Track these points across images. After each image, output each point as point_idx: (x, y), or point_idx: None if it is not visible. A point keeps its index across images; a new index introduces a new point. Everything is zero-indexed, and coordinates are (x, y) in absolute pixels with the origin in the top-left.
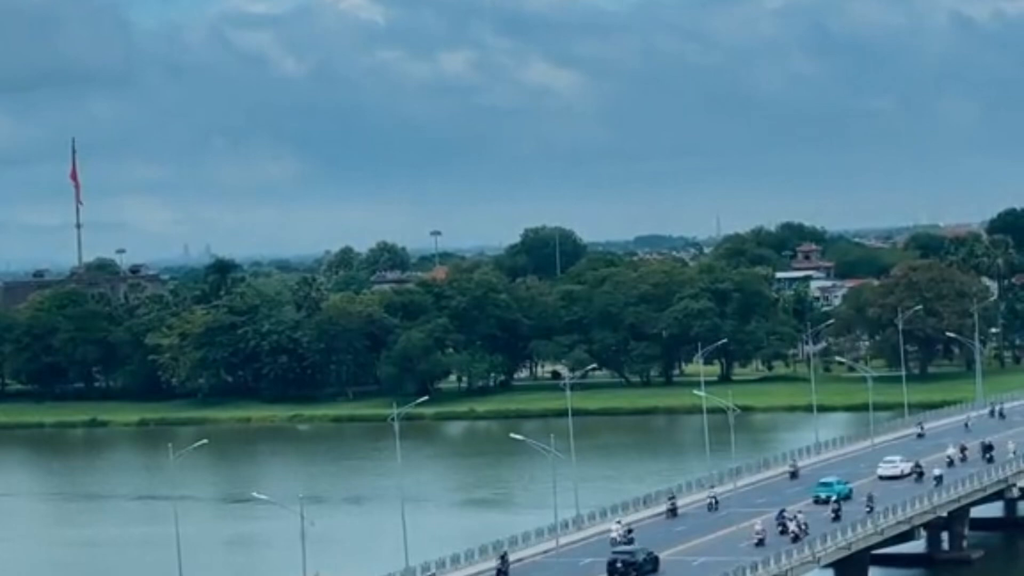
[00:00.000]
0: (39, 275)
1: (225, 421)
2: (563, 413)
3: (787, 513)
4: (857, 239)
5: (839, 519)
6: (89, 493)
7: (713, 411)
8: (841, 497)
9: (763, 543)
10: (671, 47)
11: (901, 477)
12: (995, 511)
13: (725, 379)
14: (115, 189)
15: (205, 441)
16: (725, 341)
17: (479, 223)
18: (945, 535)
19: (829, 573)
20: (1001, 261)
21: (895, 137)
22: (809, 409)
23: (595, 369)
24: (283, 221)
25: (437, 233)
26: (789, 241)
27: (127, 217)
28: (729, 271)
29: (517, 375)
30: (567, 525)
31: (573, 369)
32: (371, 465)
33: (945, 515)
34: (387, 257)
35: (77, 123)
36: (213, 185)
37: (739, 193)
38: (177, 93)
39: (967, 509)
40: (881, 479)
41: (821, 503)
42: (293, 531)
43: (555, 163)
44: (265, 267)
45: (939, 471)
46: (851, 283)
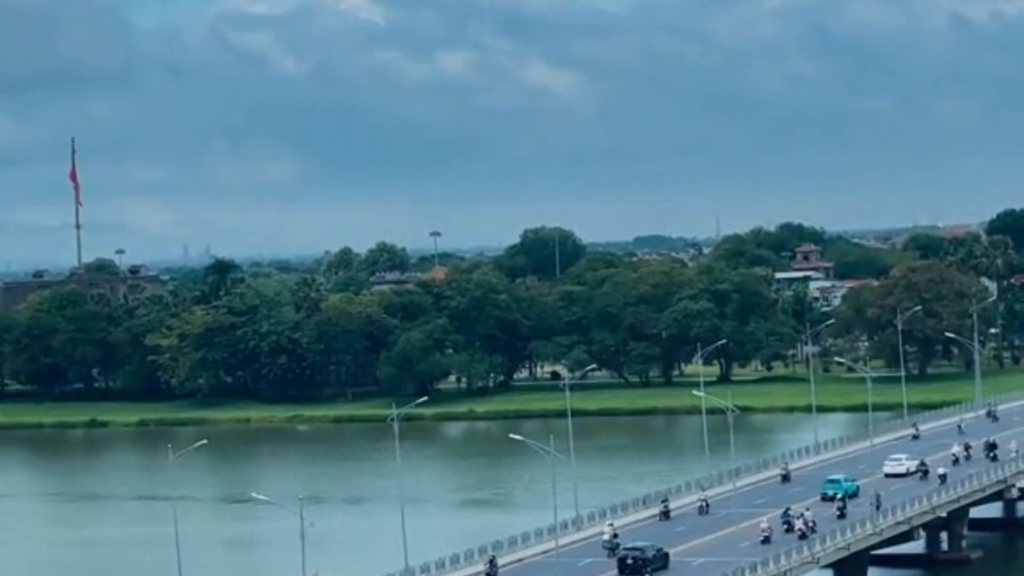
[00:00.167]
0: (39, 275)
1: (224, 422)
2: (562, 414)
3: (792, 511)
4: (856, 240)
5: (844, 517)
6: (89, 493)
7: (712, 412)
8: (848, 495)
9: (769, 541)
10: (670, 47)
11: (907, 475)
12: (994, 511)
13: (724, 380)
14: (115, 190)
15: (205, 441)
16: (724, 342)
17: (479, 224)
18: (944, 535)
19: (828, 573)
20: (1000, 262)
21: (894, 138)
22: (808, 410)
23: (594, 370)
24: (283, 222)
25: (436, 234)
26: (788, 242)
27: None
28: (728, 272)
29: (516, 376)
30: (567, 526)
31: (572, 370)
32: (371, 466)
33: (944, 515)
34: (386, 258)
35: (77, 124)
36: (213, 186)
37: (738, 194)
38: (177, 93)
39: (966, 509)
40: (887, 477)
41: (828, 500)
42: (292, 531)
43: (555, 164)
44: (265, 268)
45: (943, 469)
46: (850, 284)
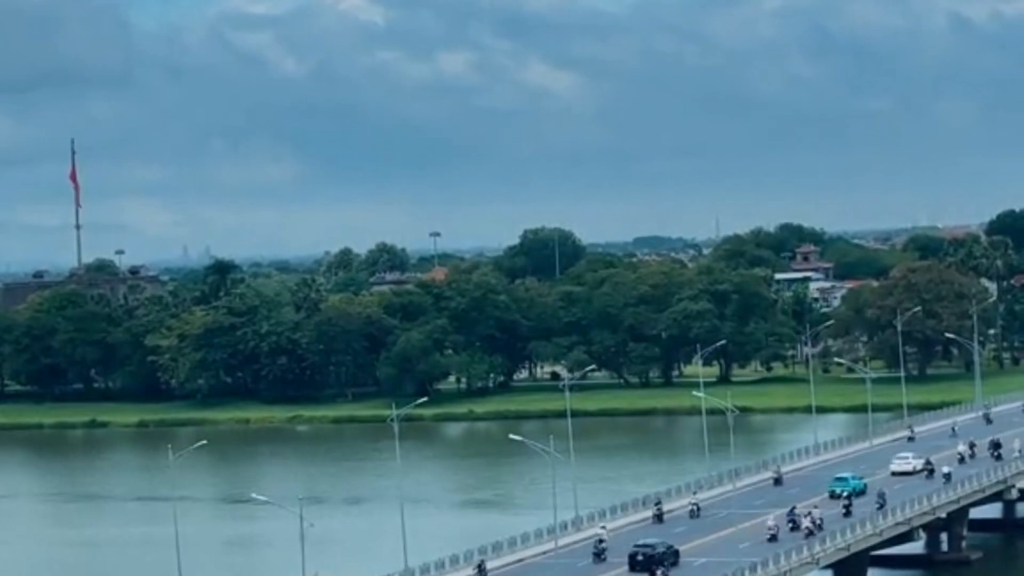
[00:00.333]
0: (39, 276)
1: (224, 422)
2: (562, 414)
3: (798, 510)
4: (856, 240)
5: (850, 515)
6: (88, 494)
7: (712, 412)
8: (856, 492)
9: (776, 539)
10: (670, 48)
11: (913, 473)
12: (994, 512)
13: (724, 380)
14: (115, 190)
15: (204, 442)
16: (724, 342)
17: (478, 224)
18: (944, 536)
19: (829, 574)
20: (1000, 262)
21: (894, 138)
22: (808, 410)
23: (594, 370)
24: (282, 222)
25: (436, 234)
26: (788, 242)
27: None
28: (728, 272)
29: (516, 376)
30: (566, 526)
31: (572, 370)
32: (370, 466)
33: (944, 516)
34: (386, 258)
35: (77, 124)
36: (213, 186)
37: (738, 194)
38: (177, 94)
39: (966, 510)
40: (894, 475)
41: (836, 498)
42: (292, 532)
43: (554, 164)
44: (264, 268)
45: (948, 468)
46: (850, 284)
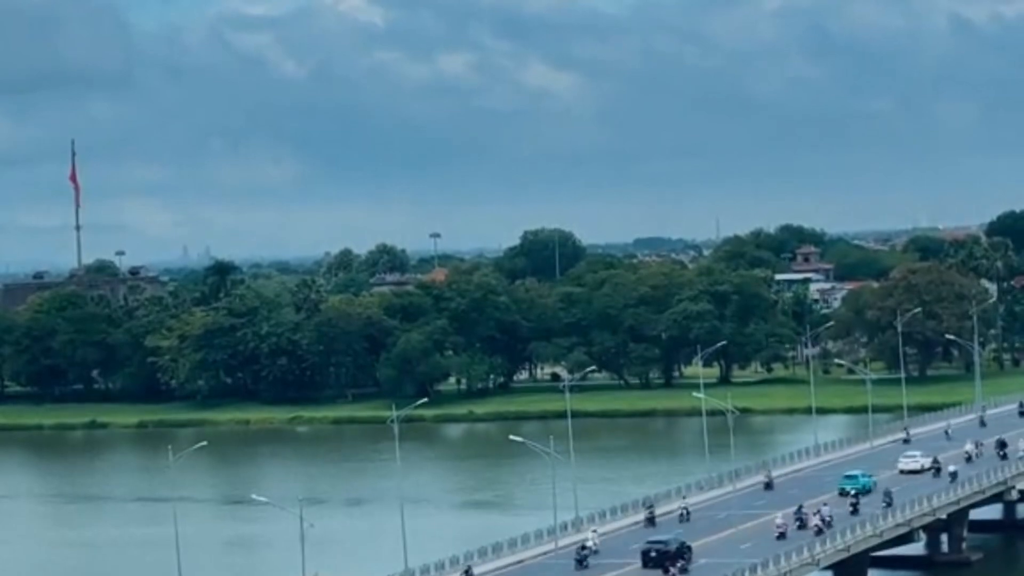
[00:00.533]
0: (39, 277)
1: (224, 423)
2: (562, 415)
3: (806, 508)
4: (856, 241)
5: (857, 513)
6: (88, 495)
7: (712, 413)
8: (865, 490)
9: (785, 536)
10: (670, 49)
11: (921, 471)
12: (994, 513)
13: (724, 381)
14: (114, 191)
15: (204, 443)
16: (724, 343)
17: (478, 225)
18: (944, 537)
19: (829, 575)
20: (1000, 263)
21: (894, 139)
22: (808, 411)
23: (594, 371)
24: (282, 223)
25: (436, 235)
26: (788, 243)
27: (126, 219)
28: (728, 273)
29: (516, 377)
30: (566, 527)
31: (572, 371)
32: (370, 467)
33: (944, 517)
34: (386, 259)
35: (76, 125)
36: (212, 187)
37: (738, 195)
38: (177, 94)
39: (966, 511)
40: (902, 473)
41: (846, 496)
42: (292, 533)
43: (554, 165)
44: (264, 269)
45: (954, 467)
46: (850, 285)
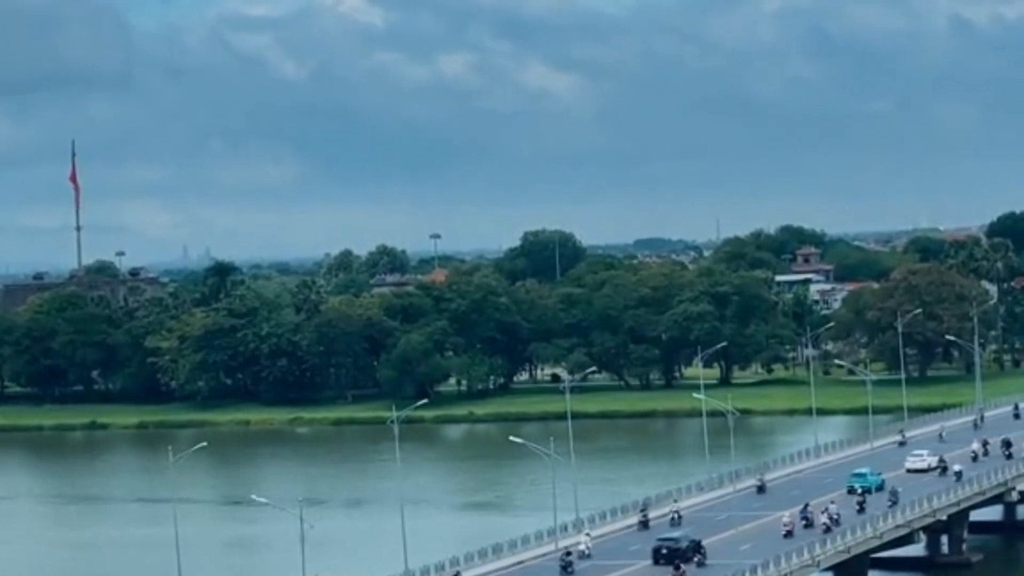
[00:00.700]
0: (39, 277)
1: (224, 424)
2: (562, 416)
3: (812, 507)
4: (857, 242)
5: (864, 511)
6: (88, 495)
7: (712, 414)
8: (874, 488)
9: (791, 535)
10: (670, 50)
11: (928, 471)
12: (994, 515)
13: (724, 382)
14: (114, 191)
15: (204, 444)
16: (724, 344)
17: (478, 226)
18: (945, 538)
19: None
20: (1000, 264)
21: (894, 140)
22: (808, 412)
23: (594, 372)
24: (283, 223)
25: (436, 236)
26: (789, 244)
27: (127, 220)
28: (729, 274)
29: (517, 378)
30: (566, 528)
31: (572, 372)
32: (370, 468)
33: (944, 518)
34: (386, 260)
35: (76, 125)
36: (213, 187)
37: (739, 196)
38: (177, 95)
39: (966, 513)
40: (909, 472)
41: (854, 494)
42: (292, 533)
43: (554, 166)
44: (265, 270)
45: (959, 467)
46: (851, 286)
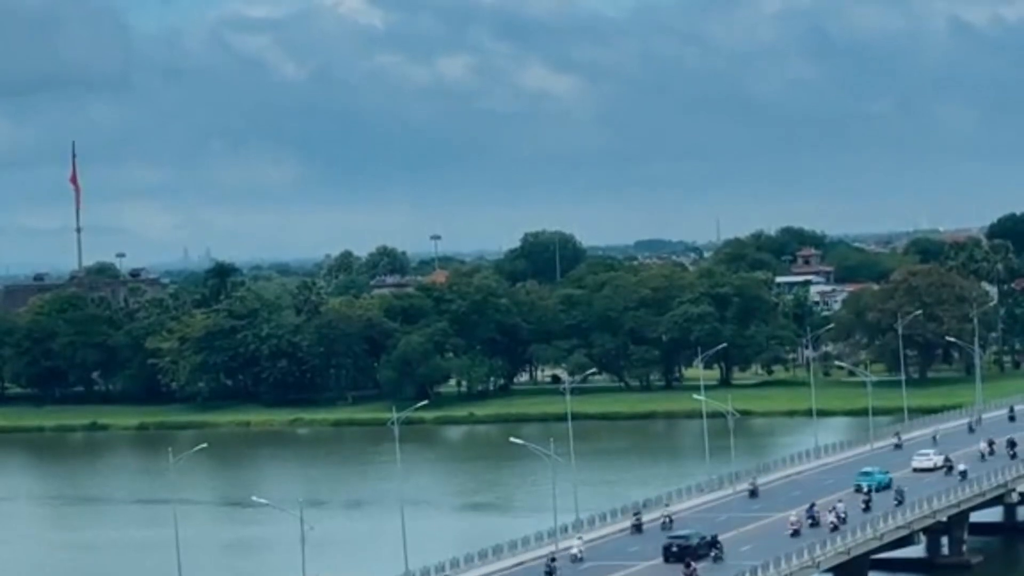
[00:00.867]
0: (39, 279)
1: (225, 425)
2: (563, 417)
3: (818, 507)
4: (857, 244)
5: (869, 510)
6: (89, 496)
7: (713, 415)
8: (881, 487)
9: (799, 533)
10: (670, 51)
11: (934, 470)
12: (995, 516)
13: (725, 383)
14: (115, 193)
15: (205, 445)
16: (725, 345)
17: (479, 227)
18: (945, 540)
19: None
20: (1001, 266)
21: (895, 141)
22: (809, 414)
23: (595, 373)
24: (283, 225)
25: (437, 237)
26: (789, 245)
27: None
28: (729, 275)
29: (517, 379)
30: (566, 529)
31: (573, 373)
32: (371, 469)
33: (945, 520)
34: (387, 261)
35: (77, 127)
36: (213, 188)
37: (739, 197)
38: (177, 96)
39: (967, 514)
40: (915, 471)
41: (861, 492)
42: (293, 535)
43: (554, 167)
44: (265, 271)
45: (963, 466)
46: (851, 287)
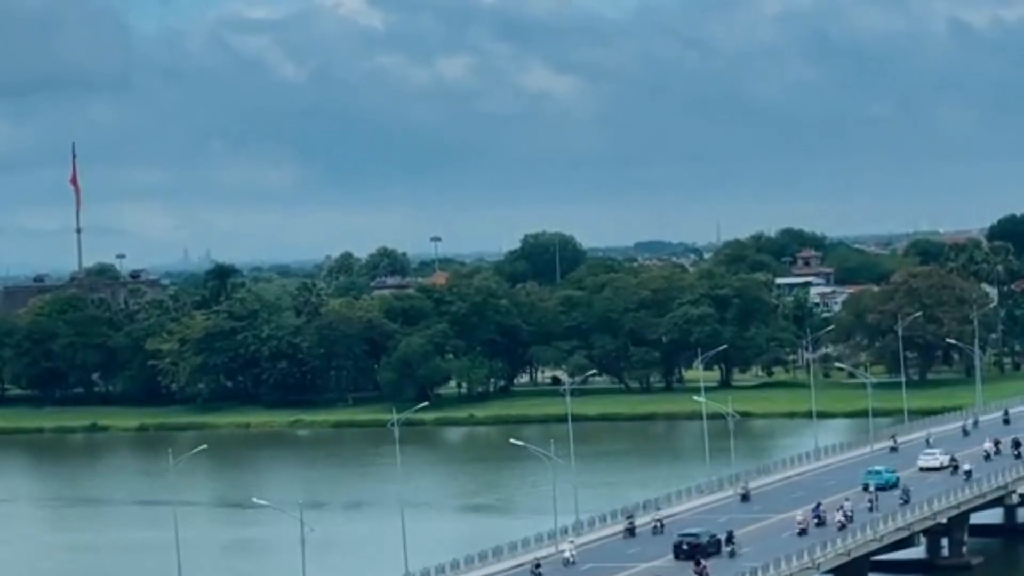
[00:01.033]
0: (39, 280)
1: (225, 426)
2: (563, 419)
3: (823, 506)
4: (857, 245)
5: (873, 509)
6: (89, 498)
7: (713, 417)
8: (888, 486)
9: (806, 532)
10: (670, 53)
11: (940, 469)
12: (995, 517)
13: (725, 385)
14: (115, 194)
15: (205, 446)
16: (725, 347)
17: (479, 229)
18: (945, 541)
19: None
20: (1001, 267)
21: (894, 143)
22: (809, 415)
23: (595, 375)
24: (283, 226)
25: (437, 239)
26: (789, 247)
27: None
28: (729, 277)
29: (517, 381)
30: (566, 531)
31: (573, 375)
32: (371, 471)
33: (945, 521)
34: (387, 263)
35: (76, 127)
36: (213, 190)
37: (739, 199)
38: (177, 97)
39: (967, 515)
40: (922, 471)
41: (868, 491)
42: (293, 536)
43: (554, 169)
44: (265, 272)
45: (968, 466)
46: (851, 289)
